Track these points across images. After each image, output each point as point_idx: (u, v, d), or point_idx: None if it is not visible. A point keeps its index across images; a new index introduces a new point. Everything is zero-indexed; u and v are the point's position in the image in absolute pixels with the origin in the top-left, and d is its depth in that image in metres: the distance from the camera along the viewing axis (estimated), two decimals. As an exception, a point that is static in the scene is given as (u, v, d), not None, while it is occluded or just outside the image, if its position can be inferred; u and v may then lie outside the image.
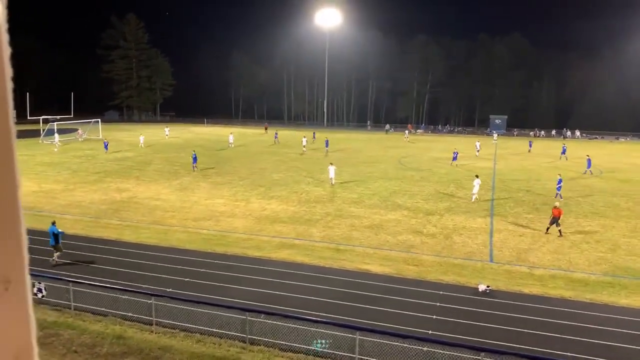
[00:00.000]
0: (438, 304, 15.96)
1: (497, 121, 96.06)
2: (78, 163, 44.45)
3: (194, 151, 42.49)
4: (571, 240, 23.07)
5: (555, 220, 23.31)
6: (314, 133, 67.91)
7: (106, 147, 51.92)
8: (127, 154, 50.98)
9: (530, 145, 62.71)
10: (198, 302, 14.78)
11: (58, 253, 18.68)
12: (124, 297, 15.39)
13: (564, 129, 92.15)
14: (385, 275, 18.28)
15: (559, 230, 23.35)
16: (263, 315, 14.09)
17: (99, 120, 72.85)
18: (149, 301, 14.64)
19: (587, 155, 43.11)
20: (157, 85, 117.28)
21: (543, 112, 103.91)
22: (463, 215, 27.35)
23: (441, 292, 16.79)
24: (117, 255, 19.97)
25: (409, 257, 20.31)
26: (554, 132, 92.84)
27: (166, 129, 72.91)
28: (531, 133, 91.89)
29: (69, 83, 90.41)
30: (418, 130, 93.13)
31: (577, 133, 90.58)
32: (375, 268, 18.98)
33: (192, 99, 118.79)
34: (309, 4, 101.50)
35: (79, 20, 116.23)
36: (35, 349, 0.70)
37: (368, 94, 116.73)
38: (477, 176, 31.60)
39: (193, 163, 40.64)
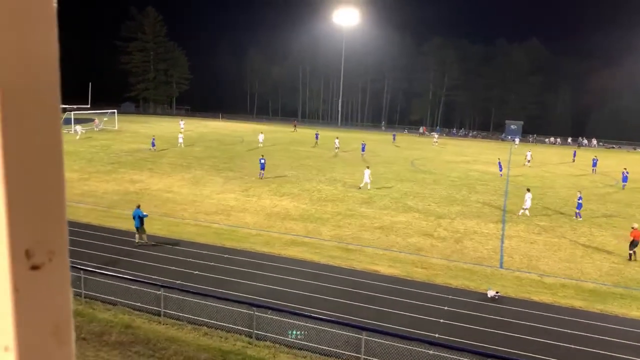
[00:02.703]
0: (446, 307, 15.89)
1: (512, 127, 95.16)
2: (93, 153, 44.94)
3: (263, 156, 37.67)
4: (583, 248, 22.83)
5: (636, 244, 21.11)
6: (316, 133, 65.22)
7: (153, 144, 48.51)
8: (140, 146, 51.37)
9: (575, 155, 59.43)
10: (206, 295, 14.87)
11: (144, 234, 20.29)
12: (133, 287, 15.54)
13: (580, 137, 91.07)
14: (393, 277, 18.24)
15: (631, 253, 21.25)
16: (270, 311, 14.15)
17: (115, 111, 73.59)
18: (158, 292, 14.77)
19: (625, 169, 40.40)
20: (174, 78, 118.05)
21: (559, 120, 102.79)
22: (474, 220, 27.18)
23: (449, 296, 16.71)
24: (128, 246, 20.16)
25: (419, 260, 20.24)
26: (570, 139, 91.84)
27: (181, 122, 73.39)
28: (546, 140, 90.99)
29: (86, 73, 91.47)
30: (432, 133, 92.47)
31: (594, 142, 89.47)
32: (384, 269, 18.95)
33: (208, 94, 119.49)
34: (327, 3, 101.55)
35: (98, 11, 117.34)
36: (72, 320, 0.73)
37: (383, 94, 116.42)
38: (528, 190, 29.35)
39: (261, 169, 36.22)
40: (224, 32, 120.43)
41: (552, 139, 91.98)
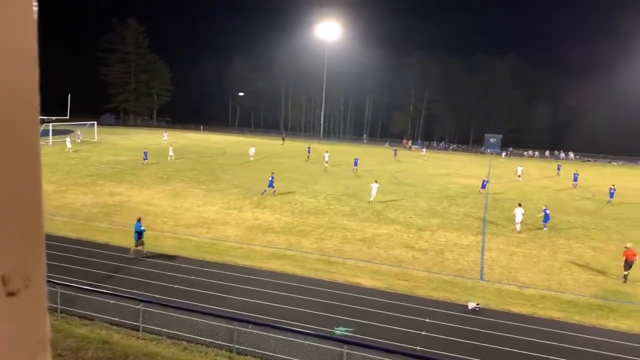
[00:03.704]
0: (427, 320, 15.93)
1: (491, 140, 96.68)
2: (72, 165, 44.25)
3: (273, 174, 36.29)
4: (562, 260, 23.17)
5: (630, 265, 20.39)
6: (308, 147, 65.39)
7: (145, 156, 47.51)
8: (119, 158, 50.80)
9: (559, 169, 59.58)
10: (186, 310, 14.67)
11: (140, 247, 20.41)
12: (111, 301, 15.24)
13: (557, 150, 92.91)
14: (375, 289, 18.24)
15: (626, 274, 20.47)
16: (251, 325, 14.01)
17: (95, 122, 72.70)
18: (137, 307, 14.51)
19: (612, 185, 40.14)
20: (155, 90, 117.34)
21: (537, 133, 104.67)
22: (455, 232, 27.41)
23: (431, 309, 16.77)
24: (106, 259, 19.81)
25: (400, 272, 20.30)
26: (547, 153, 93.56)
27: (164, 134, 72.89)
28: (525, 153, 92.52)
29: (65, 84, 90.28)
30: (413, 146, 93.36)
31: (571, 155, 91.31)
32: (365, 281, 18.94)
33: (189, 106, 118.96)
34: (309, 16, 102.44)
35: (79, 21, 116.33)
36: (49, 347, 0.71)
37: (365, 107, 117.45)
38: (519, 205, 29.06)
39: (269, 186, 34.58)
40: (206, 44, 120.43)
41: (530, 152, 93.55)
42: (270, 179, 34.96)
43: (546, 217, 29.05)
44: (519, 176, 50.96)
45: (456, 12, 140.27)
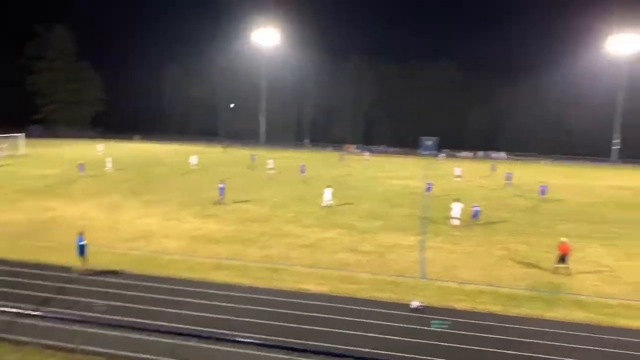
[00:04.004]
0: (373, 321, 16.14)
1: (428, 142, 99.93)
2: (-5, 180, 41.49)
3: (223, 181, 36.34)
4: (498, 256, 24.20)
5: (564, 258, 21.44)
6: (252, 155, 64.90)
7: (82, 168, 45.69)
8: (50, 172, 48.20)
9: (492, 169, 62.04)
10: (126, 327, 14.08)
11: (84, 264, 19.49)
12: (46, 324, 14.38)
13: (491, 151, 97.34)
14: (321, 294, 18.29)
15: (566, 268, 21.41)
16: (195, 339, 13.64)
17: (22, 134, 68.62)
18: (72, 328, 13.78)
19: (542, 183, 42.92)
20: (86, 99, 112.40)
21: (471, 134, 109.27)
22: (397, 233, 28.01)
23: (376, 310, 17.01)
24: (38, 279, 18.68)
25: (345, 276, 20.47)
26: (481, 153, 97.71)
27: (99, 146, 69.90)
28: (459, 154, 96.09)
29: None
30: (356, 150, 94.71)
31: (503, 154, 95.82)
32: (311, 287, 18.95)
33: (124, 115, 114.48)
34: (246, 22, 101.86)
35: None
36: None
37: (305, 112, 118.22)
38: (457, 200, 30.10)
39: (220, 195, 34.77)
40: (140, 51, 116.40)
41: (465, 153, 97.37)
42: (221, 186, 34.84)
43: (475, 214, 30.60)
44: (458, 176, 52.63)
45: (390, 19, 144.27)
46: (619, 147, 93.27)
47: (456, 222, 29.20)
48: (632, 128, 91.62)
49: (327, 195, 34.48)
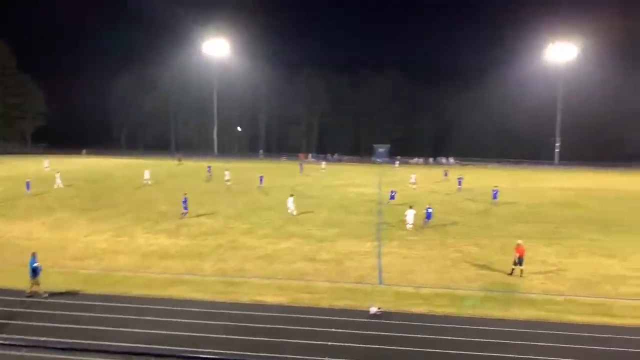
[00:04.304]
0: (333, 329, 16.15)
1: (380, 150, 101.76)
2: None
3: (186, 195, 35.40)
4: (452, 259, 24.81)
5: (520, 260, 21.85)
6: (209, 166, 63.29)
7: (28, 186, 42.96)
8: (-10, 190, 45.73)
9: (445, 175, 63.34)
10: (78, 350, 13.46)
11: (36, 286, 18.55)
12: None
13: (440, 157, 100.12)
14: (280, 305, 18.15)
15: (521, 270, 21.91)
16: (152, 358, 13.21)
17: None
18: (19, 353, 13.07)
19: (495, 187, 43.95)
20: (28, 113, 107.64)
21: (421, 141, 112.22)
22: (353, 240, 28.23)
23: (335, 318, 17.04)
24: (-22, 305, 17.61)
25: (303, 285, 20.42)
26: (431, 159, 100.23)
27: (46, 162, 66.94)
28: (411, 161, 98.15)
29: None
30: (311, 159, 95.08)
31: (451, 160, 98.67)
32: (269, 299, 18.78)
33: (70, 129, 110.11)
34: (196, 33, 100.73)
35: None
36: None
37: (259, 123, 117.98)
38: (411, 207, 31.61)
39: (185, 209, 33.86)
40: (85, 63, 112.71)
41: (416, 159, 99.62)
42: (183, 199, 34.19)
43: (428, 215, 31.96)
44: (413, 183, 53.59)
45: (340, 31, 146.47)
46: (558, 150, 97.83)
47: (410, 227, 30.49)
48: (570, 132, 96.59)
49: (291, 204, 34.97)
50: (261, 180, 51.00)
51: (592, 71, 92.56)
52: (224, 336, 15.47)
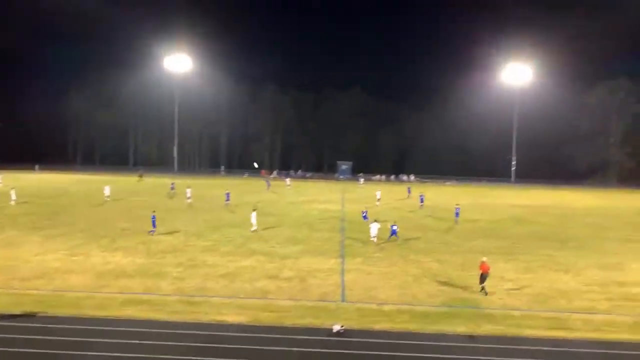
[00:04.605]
0: (295, 349, 15.94)
1: (343, 167, 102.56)
2: None
3: (154, 212, 34.75)
4: (413, 275, 25.03)
5: (485, 277, 21.91)
6: (172, 183, 61.13)
7: None
8: None
9: (409, 192, 64.06)
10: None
11: None
12: None
13: (402, 174, 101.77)
14: (242, 325, 17.80)
15: (482, 287, 22.00)
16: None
17: None
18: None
19: (457, 205, 43.99)
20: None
21: (383, 158, 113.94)
22: (317, 257, 28.12)
23: (298, 337, 16.84)
24: None
25: (266, 304, 20.12)
26: (393, 176, 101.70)
27: None
28: (373, 178, 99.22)
29: None
30: (272, 176, 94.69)
31: (412, 177, 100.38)
32: (231, 318, 18.40)
33: (20, 144, 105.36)
34: (157, 47, 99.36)
35: None
36: None
37: (220, 139, 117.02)
38: (375, 220, 32.99)
39: (153, 226, 33.34)
40: (38, 77, 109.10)
41: (378, 176, 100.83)
42: (152, 217, 33.54)
43: (393, 232, 32.72)
44: (378, 200, 53.98)
45: (304, 47, 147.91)
46: (514, 167, 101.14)
47: (374, 240, 31.67)
48: (525, 150, 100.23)
49: (254, 219, 35.12)
50: (227, 197, 50.15)
51: (545, 92, 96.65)
52: (184, 357, 15.02)
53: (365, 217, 40.59)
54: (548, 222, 44.86)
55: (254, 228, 35.23)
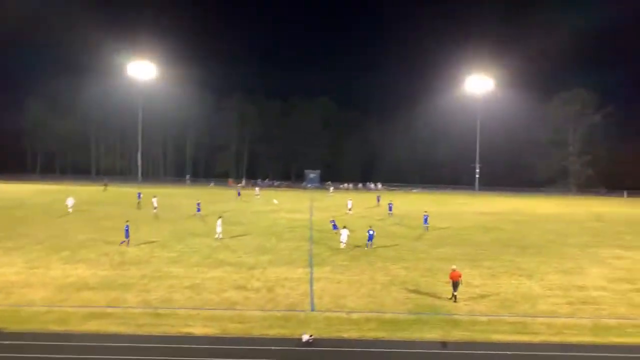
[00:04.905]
0: (264, 359, 15.77)
1: (311, 175, 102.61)
2: None
3: (128, 222, 34.17)
4: (381, 282, 25.17)
5: (456, 285, 22.10)
6: (139, 193, 59.02)
7: None
8: None
9: (378, 200, 64.61)
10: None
11: None
12: None
13: (369, 182, 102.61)
14: (209, 337, 17.49)
15: (455, 294, 22.19)
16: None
17: None
18: None
19: (425, 212, 44.33)
20: None
21: (350, 167, 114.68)
22: (285, 267, 27.95)
23: (266, 347, 16.66)
24: None
25: (234, 315, 19.84)
26: (360, 185, 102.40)
27: None
28: (341, 186, 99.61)
29: None
30: (239, 185, 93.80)
31: (379, 185, 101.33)
32: (198, 330, 18.05)
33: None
34: (119, 54, 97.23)
35: None
36: None
37: (186, 148, 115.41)
38: (344, 227, 34.46)
39: (126, 236, 32.48)
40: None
41: (345, 184, 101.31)
42: (125, 228, 32.70)
43: (370, 237, 33.35)
44: (350, 209, 53.93)
45: (271, 56, 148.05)
46: (478, 176, 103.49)
47: (343, 246, 32.69)
48: (488, 159, 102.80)
49: (219, 227, 35.25)
50: (198, 207, 49.07)
51: (506, 103, 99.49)
52: (149, 372, 14.63)
53: (334, 227, 39.73)
54: (511, 229, 45.98)
55: (218, 236, 35.08)
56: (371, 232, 33.57)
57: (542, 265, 30.34)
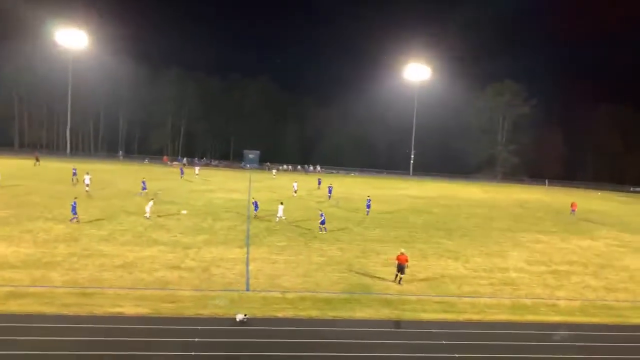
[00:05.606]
0: (197, 339, 15.74)
1: (250, 155, 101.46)
2: None
3: (76, 198, 32.63)
4: (317, 263, 25.63)
5: (402, 268, 22.56)
6: (74, 169, 54.74)
7: None
8: None
9: (320, 184, 64.41)
10: None
11: None
12: None
13: (307, 164, 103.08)
14: (140, 317, 17.19)
15: (400, 278, 22.72)
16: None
17: None
18: None
19: (368, 197, 45.51)
20: None
21: (289, 149, 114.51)
22: (221, 247, 27.77)
23: (200, 327, 16.62)
24: None
25: (166, 295, 19.56)
26: (299, 167, 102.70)
27: None
28: (280, 167, 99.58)
29: None
30: (174, 163, 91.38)
31: (318, 168, 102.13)
32: (128, 310, 17.68)
33: None
34: (45, 21, 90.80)
35: None
36: None
37: (119, 123, 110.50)
38: (281, 203, 37.59)
39: (73, 213, 31.36)
40: None
41: (285, 166, 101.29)
42: (73, 204, 31.38)
43: (322, 221, 33.99)
44: (295, 191, 53.93)
45: (212, 31, 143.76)
46: (413, 161, 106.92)
47: (278, 220, 35.24)
48: (423, 145, 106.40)
49: (148, 207, 34.58)
50: (144, 185, 46.54)
51: (441, 91, 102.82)
52: (77, 353, 14.22)
53: (256, 208, 38.48)
54: (440, 213, 47.98)
55: (146, 215, 34.28)
56: (323, 217, 34.12)
57: (468, 247, 32.00)
